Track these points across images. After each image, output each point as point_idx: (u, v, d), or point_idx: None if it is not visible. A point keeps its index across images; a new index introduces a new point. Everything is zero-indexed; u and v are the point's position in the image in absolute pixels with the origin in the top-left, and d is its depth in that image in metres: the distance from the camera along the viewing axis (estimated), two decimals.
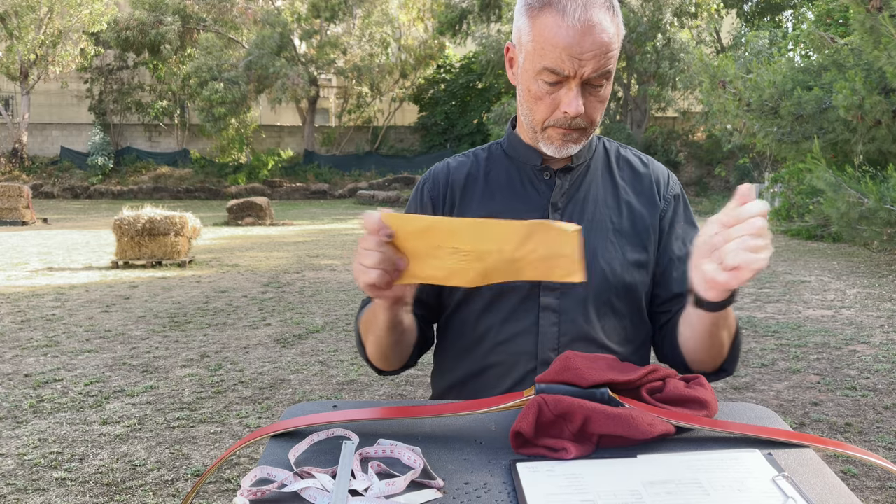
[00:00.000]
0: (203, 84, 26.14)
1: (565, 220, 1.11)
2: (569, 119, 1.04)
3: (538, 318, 1.10)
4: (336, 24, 28.44)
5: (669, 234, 1.17)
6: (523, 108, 1.10)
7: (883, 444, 3.26)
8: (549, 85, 1.03)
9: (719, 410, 0.91)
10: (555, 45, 0.99)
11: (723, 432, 0.85)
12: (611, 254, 1.12)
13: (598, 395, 0.84)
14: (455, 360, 1.17)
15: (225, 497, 2.75)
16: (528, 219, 0.87)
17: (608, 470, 0.76)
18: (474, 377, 1.14)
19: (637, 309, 1.16)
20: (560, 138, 1.07)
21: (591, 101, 1.05)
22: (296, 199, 26.21)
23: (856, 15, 5.86)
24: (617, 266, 1.11)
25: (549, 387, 0.85)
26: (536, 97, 1.05)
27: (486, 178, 1.17)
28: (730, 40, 23.85)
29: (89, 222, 16.63)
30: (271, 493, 0.73)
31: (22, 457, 3.17)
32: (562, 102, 1.03)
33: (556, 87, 1.03)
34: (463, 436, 0.88)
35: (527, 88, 1.06)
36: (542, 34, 1.00)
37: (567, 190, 1.14)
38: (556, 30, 0.99)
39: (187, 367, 4.61)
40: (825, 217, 7.04)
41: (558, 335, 1.09)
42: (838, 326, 5.61)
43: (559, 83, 1.02)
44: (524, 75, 1.06)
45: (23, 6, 24.78)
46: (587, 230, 1.09)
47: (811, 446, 0.83)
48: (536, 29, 1.01)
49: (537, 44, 1.01)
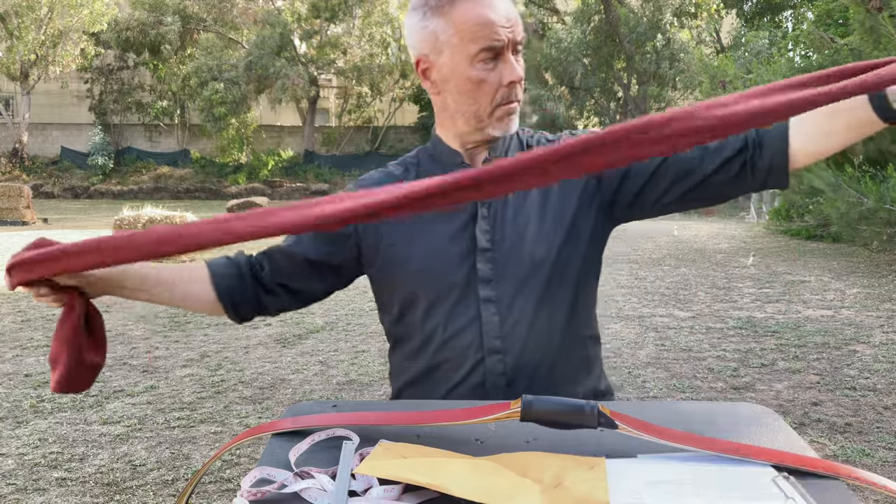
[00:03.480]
0: (203, 84, 26.16)
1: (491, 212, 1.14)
2: (513, 90, 1.10)
3: (479, 311, 1.12)
4: (336, 25, 28.45)
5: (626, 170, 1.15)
6: (462, 104, 1.12)
7: (883, 444, 3.26)
8: (487, 64, 1.07)
9: (719, 412, 0.90)
10: (484, 24, 1.05)
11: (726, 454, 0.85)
12: (537, 235, 1.13)
13: (587, 410, 0.81)
14: (407, 362, 1.20)
15: (225, 497, 2.75)
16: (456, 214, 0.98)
17: (608, 470, 0.76)
18: (425, 375, 1.17)
19: (577, 280, 1.16)
20: (507, 115, 1.12)
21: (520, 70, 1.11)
22: (296, 199, 26.14)
23: (856, 15, 5.86)
24: (543, 247, 1.13)
25: (537, 399, 0.84)
26: (479, 82, 1.08)
27: (416, 177, 1.20)
28: (730, 40, 23.85)
29: (89, 222, 16.63)
30: (271, 493, 0.73)
31: (22, 457, 3.17)
32: (503, 76, 1.08)
33: (493, 63, 1.08)
34: (463, 436, 0.88)
35: (466, 79, 1.09)
36: (466, 21, 1.06)
37: None
38: (478, 10, 1.05)
39: (187, 367, 4.61)
40: (825, 217, 7.05)
41: (500, 323, 1.11)
42: (838, 326, 5.61)
43: (496, 58, 1.07)
44: (456, 70, 1.09)
45: (23, 6, 24.79)
46: (511, 217, 1.13)
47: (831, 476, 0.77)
48: (457, 20, 1.07)
49: (464, 33, 1.06)
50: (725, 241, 12.67)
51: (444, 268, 1.12)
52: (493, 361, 1.10)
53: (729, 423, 0.93)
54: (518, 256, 1.11)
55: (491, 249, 1.12)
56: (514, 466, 0.77)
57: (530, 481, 0.74)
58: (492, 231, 1.12)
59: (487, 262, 1.12)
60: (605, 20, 21.98)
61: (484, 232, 1.12)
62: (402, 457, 0.78)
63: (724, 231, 14.72)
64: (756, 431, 0.89)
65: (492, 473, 0.75)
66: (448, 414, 0.90)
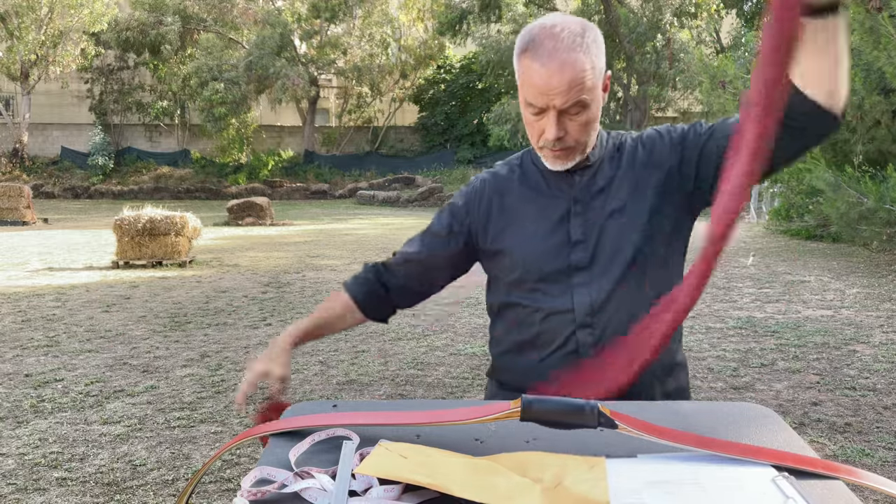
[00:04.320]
0: (203, 84, 26.15)
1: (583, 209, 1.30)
2: (551, 142, 1.23)
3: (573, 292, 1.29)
4: (336, 25, 28.45)
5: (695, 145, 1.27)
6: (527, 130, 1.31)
7: (882, 443, 3.26)
8: (532, 115, 1.24)
9: (719, 412, 0.90)
10: (530, 85, 1.20)
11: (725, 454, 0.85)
12: (621, 230, 1.29)
13: (587, 410, 0.81)
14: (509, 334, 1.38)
15: (225, 497, 2.75)
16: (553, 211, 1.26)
17: (608, 470, 0.76)
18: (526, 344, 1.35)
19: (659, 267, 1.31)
20: (551, 156, 1.28)
21: (571, 125, 1.23)
22: (296, 199, 26.21)
23: (856, 15, 5.86)
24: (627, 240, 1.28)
25: (537, 399, 0.83)
26: (527, 123, 1.27)
27: (521, 181, 1.38)
28: (729, 40, 23.84)
29: (90, 222, 16.63)
30: (271, 493, 0.73)
31: (22, 456, 3.17)
32: (545, 129, 1.23)
33: (538, 116, 1.23)
34: (463, 436, 0.88)
35: (524, 115, 1.27)
36: (523, 74, 1.22)
37: (585, 185, 1.32)
38: (530, 71, 1.20)
39: (188, 367, 4.61)
40: (825, 217, 7.05)
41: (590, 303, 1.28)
42: (838, 326, 5.61)
43: (540, 113, 1.23)
44: (520, 105, 1.28)
45: (23, 6, 24.79)
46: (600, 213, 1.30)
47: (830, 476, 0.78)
48: (521, 69, 1.23)
49: (521, 81, 1.23)
50: None
51: (544, 257, 1.31)
52: (583, 334, 1.28)
53: (729, 423, 0.93)
54: (605, 247, 1.28)
55: (583, 241, 1.29)
56: (514, 466, 0.78)
57: (530, 481, 0.74)
58: (584, 226, 1.30)
59: (580, 252, 1.29)
60: (605, 20, 21.97)
61: (577, 227, 1.30)
62: (402, 457, 0.79)
63: None
64: (756, 431, 0.90)
65: (492, 473, 0.75)
66: (448, 414, 0.90)
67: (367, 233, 14.19)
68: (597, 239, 1.29)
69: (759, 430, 0.90)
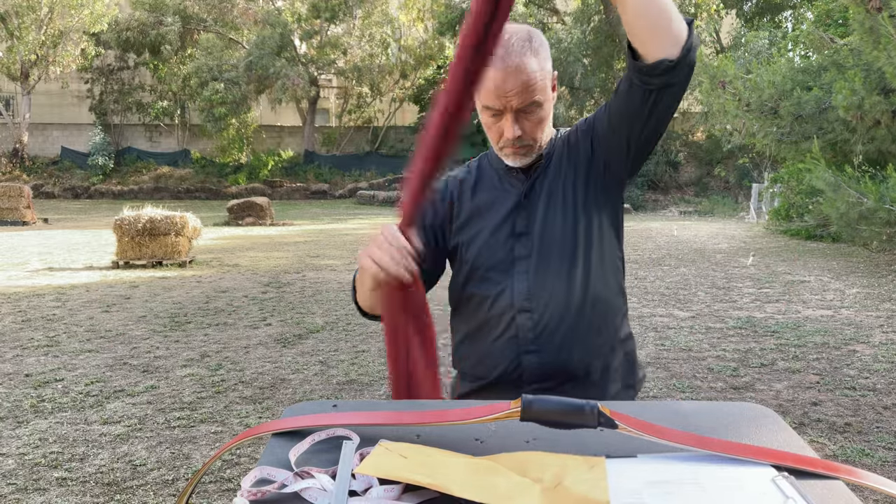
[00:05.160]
0: (203, 84, 26.16)
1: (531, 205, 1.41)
2: (511, 141, 1.34)
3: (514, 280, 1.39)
4: (336, 25, 28.45)
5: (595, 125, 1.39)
6: None
7: (882, 443, 3.26)
8: (490, 118, 1.34)
9: (719, 412, 0.90)
10: (487, 89, 1.29)
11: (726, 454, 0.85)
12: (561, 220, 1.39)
13: (587, 409, 0.81)
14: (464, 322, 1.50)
15: (225, 497, 2.75)
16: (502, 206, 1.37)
17: (608, 470, 0.77)
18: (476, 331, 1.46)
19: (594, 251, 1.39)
20: (511, 154, 1.38)
21: (527, 124, 1.33)
22: (296, 199, 26.21)
23: (855, 15, 5.85)
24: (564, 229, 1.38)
25: (537, 398, 0.83)
26: (486, 127, 1.37)
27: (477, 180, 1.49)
28: (729, 40, 23.84)
29: (90, 222, 16.63)
30: (271, 493, 0.74)
31: (22, 456, 3.17)
32: (503, 130, 1.33)
33: (496, 118, 1.33)
34: (463, 436, 0.88)
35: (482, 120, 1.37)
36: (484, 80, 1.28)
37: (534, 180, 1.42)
38: (491, 75, 1.27)
39: (188, 367, 4.61)
40: (825, 217, 7.04)
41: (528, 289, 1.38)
42: (838, 326, 5.61)
43: (498, 115, 1.33)
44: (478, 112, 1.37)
45: (23, 6, 24.79)
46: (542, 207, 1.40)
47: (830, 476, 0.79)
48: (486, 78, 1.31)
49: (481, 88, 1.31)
50: (725, 240, 12.67)
51: (492, 248, 1.41)
52: (523, 318, 1.37)
53: (729, 423, 0.93)
54: (544, 238, 1.39)
55: (526, 233, 1.40)
56: (514, 466, 0.78)
57: (530, 481, 0.74)
58: (527, 219, 1.40)
59: (523, 242, 1.40)
60: (605, 20, 21.98)
61: (521, 220, 1.40)
62: (402, 457, 0.79)
63: (723, 231, 14.72)
64: (756, 431, 0.90)
65: (492, 473, 0.75)
66: (448, 414, 0.90)
67: (367, 233, 14.20)
68: (539, 230, 1.39)
69: (758, 430, 0.90)
